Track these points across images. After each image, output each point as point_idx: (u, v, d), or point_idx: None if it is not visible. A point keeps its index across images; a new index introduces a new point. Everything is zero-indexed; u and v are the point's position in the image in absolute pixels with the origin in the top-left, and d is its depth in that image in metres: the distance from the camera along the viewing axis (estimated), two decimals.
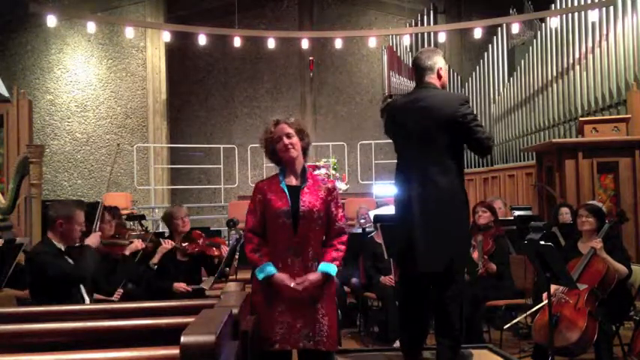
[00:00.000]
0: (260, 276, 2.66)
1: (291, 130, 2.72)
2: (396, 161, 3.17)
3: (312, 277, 2.65)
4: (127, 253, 3.86)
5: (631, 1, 7.28)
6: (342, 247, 2.73)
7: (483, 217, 4.93)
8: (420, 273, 2.98)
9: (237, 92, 12.18)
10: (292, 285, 2.62)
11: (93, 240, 3.51)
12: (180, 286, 4.03)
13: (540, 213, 6.97)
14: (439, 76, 3.07)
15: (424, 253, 2.92)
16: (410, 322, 3.09)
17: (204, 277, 4.45)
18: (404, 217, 3.04)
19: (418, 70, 3.10)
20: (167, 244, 4.07)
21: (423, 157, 2.96)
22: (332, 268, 2.69)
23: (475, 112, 3.07)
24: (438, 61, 3.08)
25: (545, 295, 3.61)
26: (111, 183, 10.82)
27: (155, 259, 4.02)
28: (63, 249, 3.29)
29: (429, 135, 2.95)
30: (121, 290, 3.79)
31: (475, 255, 4.79)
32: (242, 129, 12.08)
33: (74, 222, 3.29)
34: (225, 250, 4.30)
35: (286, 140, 2.71)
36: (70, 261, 3.30)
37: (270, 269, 2.65)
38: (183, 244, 4.20)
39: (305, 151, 2.80)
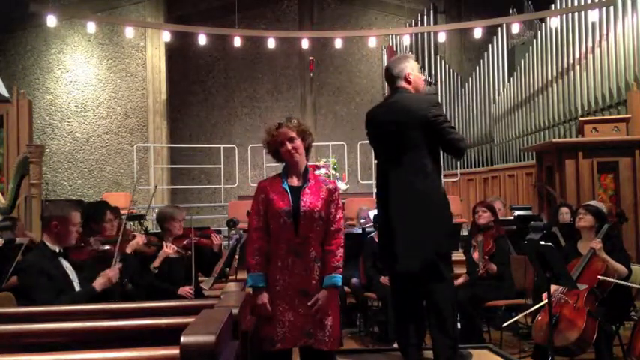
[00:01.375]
0: (249, 282, 2.72)
1: (293, 134, 2.75)
2: None
3: (322, 295, 2.67)
4: (129, 250, 3.80)
5: (631, 1, 7.29)
6: (341, 250, 2.75)
7: (483, 217, 4.91)
8: (406, 273, 3.02)
9: (237, 92, 12.18)
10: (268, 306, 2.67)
11: (102, 281, 3.27)
12: (185, 290, 4.01)
13: (540, 213, 6.96)
14: (408, 81, 3.16)
15: (402, 254, 3.00)
16: (403, 321, 3.11)
17: (201, 277, 4.43)
18: (383, 219, 3.12)
19: (389, 80, 3.22)
20: (169, 249, 4.04)
21: (398, 159, 3.04)
22: (337, 279, 2.72)
23: (450, 114, 3.12)
24: (405, 67, 3.17)
25: (545, 295, 3.61)
26: (111, 183, 10.84)
27: (156, 263, 3.99)
28: (58, 251, 3.23)
29: (403, 136, 3.02)
30: (116, 268, 3.71)
31: (475, 255, 4.78)
32: (242, 129, 12.08)
33: (70, 223, 3.22)
34: (215, 237, 4.28)
35: (289, 145, 2.73)
36: (66, 262, 3.25)
37: (259, 282, 2.69)
38: (176, 242, 4.17)
39: (307, 150, 2.83)
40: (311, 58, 11.21)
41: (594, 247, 3.89)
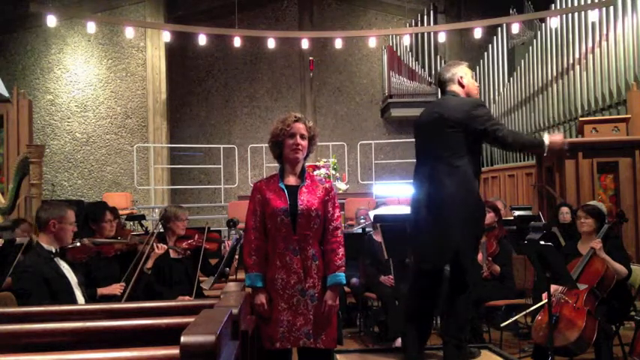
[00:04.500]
0: (247, 282, 2.72)
1: (305, 133, 2.77)
2: (395, 161, 3.25)
3: (329, 296, 2.69)
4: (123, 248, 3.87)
5: (631, 1, 7.29)
6: (342, 248, 2.76)
7: (486, 218, 4.88)
8: (426, 270, 3.04)
9: (237, 92, 12.19)
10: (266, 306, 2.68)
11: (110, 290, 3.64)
12: (184, 299, 3.99)
13: (539, 212, 6.96)
14: (461, 85, 3.17)
15: (424, 252, 3.04)
16: (412, 318, 3.11)
17: (201, 277, 4.43)
18: (414, 216, 3.14)
19: (440, 84, 3.25)
20: (160, 250, 4.00)
21: (432, 159, 3.06)
22: (341, 278, 2.72)
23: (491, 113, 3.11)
24: (458, 72, 3.19)
25: (545, 295, 3.61)
26: (111, 183, 10.84)
27: (149, 265, 3.96)
28: (54, 251, 3.23)
29: (439, 138, 3.03)
30: (123, 283, 3.73)
31: (479, 257, 4.76)
32: (242, 129, 12.08)
33: (66, 222, 3.24)
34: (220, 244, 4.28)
35: (299, 140, 2.74)
36: (63, 263, 3.26)
37: (257, 282, 2.70)
38: (178, 243, 4.15)
39: (307, 154, 2.84)
40: (311, 58, 11.22)
41: (594, 247, 3.88)
